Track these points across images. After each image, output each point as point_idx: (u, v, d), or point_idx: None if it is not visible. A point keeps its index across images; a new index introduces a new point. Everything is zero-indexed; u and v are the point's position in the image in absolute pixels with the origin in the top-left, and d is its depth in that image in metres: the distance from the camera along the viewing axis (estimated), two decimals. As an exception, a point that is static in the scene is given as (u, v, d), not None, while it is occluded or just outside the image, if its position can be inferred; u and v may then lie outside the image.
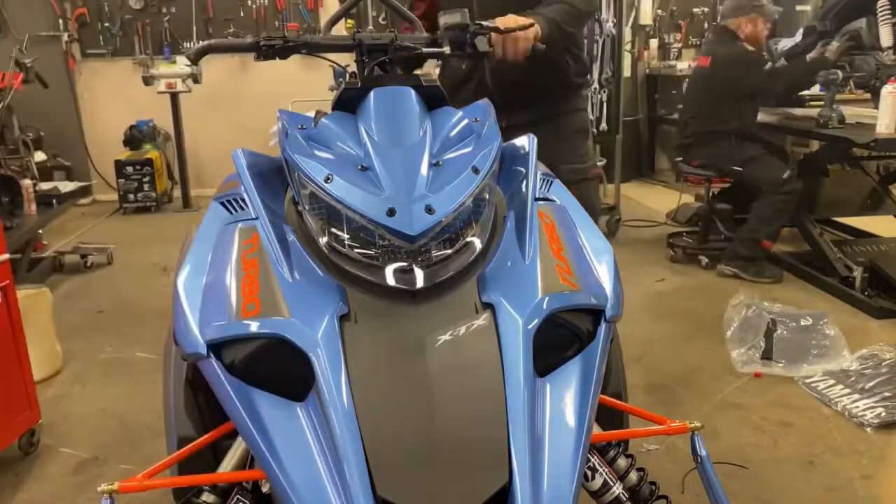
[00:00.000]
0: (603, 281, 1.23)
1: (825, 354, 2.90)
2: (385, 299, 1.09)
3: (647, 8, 6.41)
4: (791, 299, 3.56)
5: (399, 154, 1.18)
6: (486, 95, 1.53)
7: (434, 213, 1.09)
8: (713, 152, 4.12)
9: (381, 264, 1.11)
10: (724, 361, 2.95)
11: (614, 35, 5.05)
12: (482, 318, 1.07)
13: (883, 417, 2.45)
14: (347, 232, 1.13)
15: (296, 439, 0.97)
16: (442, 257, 1.13)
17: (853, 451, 2.31)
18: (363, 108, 1.30)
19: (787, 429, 2.46)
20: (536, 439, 0.99)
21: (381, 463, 0.94)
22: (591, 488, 1.25)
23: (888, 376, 2.69)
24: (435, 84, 1.39)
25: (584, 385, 1.08)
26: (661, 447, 2.27)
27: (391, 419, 0.98)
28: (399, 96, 1.30)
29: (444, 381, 1.00)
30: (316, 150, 1.22)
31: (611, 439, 1.32)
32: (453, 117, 1.32)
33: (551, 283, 1.14)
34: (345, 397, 0.97)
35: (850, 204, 4.33)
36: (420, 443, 0.96)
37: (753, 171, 4.00)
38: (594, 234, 1.34)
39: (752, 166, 4.00)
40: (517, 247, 1.20)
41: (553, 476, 0.98)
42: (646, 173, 6.85)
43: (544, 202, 1.34)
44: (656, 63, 6.60)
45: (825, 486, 2.14)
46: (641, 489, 1.32)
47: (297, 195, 1.22)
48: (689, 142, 4.25)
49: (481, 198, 1.20)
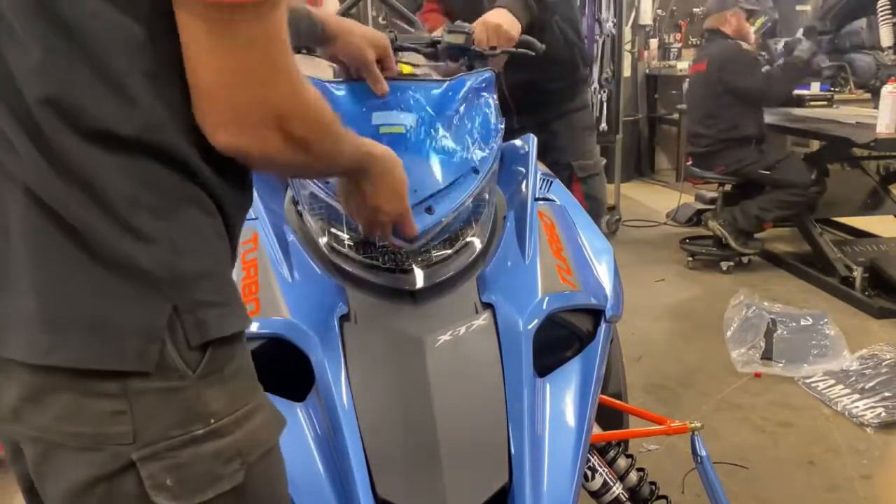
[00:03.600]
0: (603, 281, 1.23)
1: (825, 354, 2.90)
2: (385, 299, 1.09)
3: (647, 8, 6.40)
4: (791, 299, 3.55)
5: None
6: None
7: (434, 214, 1.09)
8: (735, 159, 4.06)
9: (381, 264, 1.11)
10: (724, 361, 2.94)
11: (614, 35, 5.04)
12: (482, 318, 1.07)
13: (883, 417, 2.45)
14: (347, 232, 1.13)
15: (296, 439, 0.98)
16: (442, 257, 1.13)
17: (853, 451, 2.31)
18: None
19: (787, 429, 2.46)
20: (536, 439, 0.99)
21: (381, 463, 0.94)
22: (591, 488, 1.25)
23: (888, 376, 2.69)
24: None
25: (583, 385, 1.08)
26: (661, 447, 2.27)
27: (391, 419, 0.98)
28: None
29: (444, 382, 1.00)
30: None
31: (611, 439, 1.32)
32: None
33: (551, 283, 1.14)
34: (345, 397, 0.98)
35: (850, 204, 4.33)
36: (420, 443, 0.96)
37: (781, 174, 3.98)
38: (594, 234, 1.35)
39: (780, 170, 3.98)
40: (517, 247, 1.20)
41: (553, 476, 0.98)
42: (646, 173, 6.85)
43: (544, 202, 1.34)
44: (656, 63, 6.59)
45: (825, 486, 2.14)
46: (641, 489, 1.32)
47: (297, 195, 1.22)
48: (705, 151, 4.18)
49: (481, 198, 1.20)
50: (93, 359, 0.64)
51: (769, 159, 4.01)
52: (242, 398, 0.72)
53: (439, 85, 1.27)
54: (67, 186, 0.63)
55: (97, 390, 0.65)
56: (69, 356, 0.64)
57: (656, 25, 6.64)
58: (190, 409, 0.67)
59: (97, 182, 0.63)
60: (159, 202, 0.66)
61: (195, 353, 0.68)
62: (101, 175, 0.63)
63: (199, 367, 0.68)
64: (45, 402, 0.65)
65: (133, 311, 0.65)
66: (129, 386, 0.65)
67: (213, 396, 0.69)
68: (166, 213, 0.66)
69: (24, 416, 0.67)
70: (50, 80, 0.62)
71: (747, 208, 4.04)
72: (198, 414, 0.68)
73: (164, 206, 0.66)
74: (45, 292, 0.64)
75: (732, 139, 4.06)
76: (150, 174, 0.65)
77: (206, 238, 0.70)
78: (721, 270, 4.11)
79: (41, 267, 0.64)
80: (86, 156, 0.63)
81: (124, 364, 0.64)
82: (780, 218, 4.07)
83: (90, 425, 0.65)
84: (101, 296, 0.64)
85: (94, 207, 0.63)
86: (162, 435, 0.66)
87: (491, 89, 1.37)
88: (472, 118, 1.29)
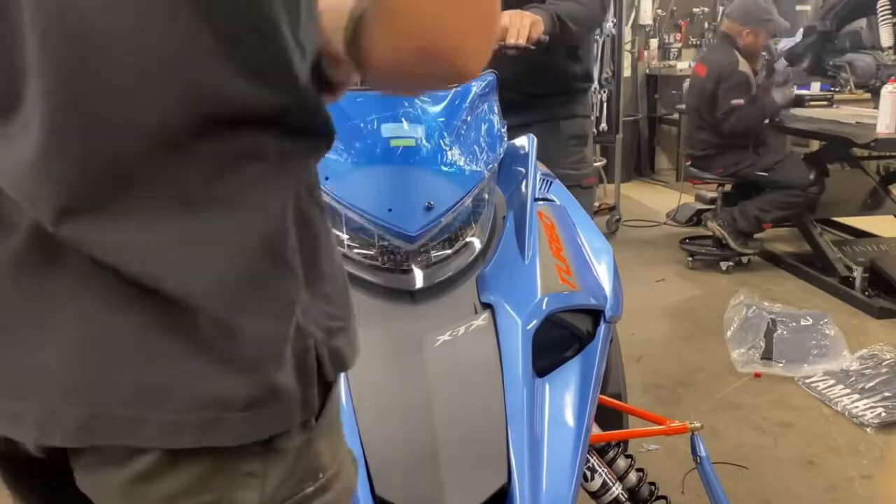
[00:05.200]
0: (602, 281, 1.23)
1: (825, 354, 2.90)
2: (384, 299, 1.09)
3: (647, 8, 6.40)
4: (791, 299, 3.55)
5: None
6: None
7: (433, 211, 1.09)
8: (733, 162, 4.07)
9: (381, 264, 1.11)
10: (724, 361, 2.94)
11: (614, 35, 5.04)
12: (481, 319, 1.07)
13: (883, 417, 2.45)
14: (347, 232, 1.13)
15: (295, 439, 0.97)
16: (441, 257, 1.13)
17: (853, 451, 2.31)
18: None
19: (787, 429, 2.46)
20: (535, 440, 0.99)
21: (380, 462, 0.94)
22: (590, 489, 1.25)
23: (888, 376, 2.69)
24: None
25: (583, 385, 1.07)
26: (661, 447, 2.27)
27: (390, 419, 0.98)
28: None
29: (443, 382, 1.00)
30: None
31: (610, 440, 1.32)
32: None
33: (550, 283, 1.14)
34: (343, 397, 0.97)
35: (850, 204, 4.32)
36: (419, 443, 0.96)
37: (780, 175, 3.98)
38: (594, 234, 1.35)
39: (779, 171, 3.98)
40: (516, 247, 1.20)
41: (552, 476, 0.97)
42: (646, 173, 6.85)
43: (544, 202, 1.34)
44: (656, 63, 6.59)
45: (825, 486, 2.14)
46: (641, 489, 1.31)
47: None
48: (704, 153, 4.19)
49: (481, 198, 1.20)
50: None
51: (767, 161, 4.02)
52: (341, 444, 0.64)
53: (446, 93, 1.28)
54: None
55: (241, 451, 0.55)
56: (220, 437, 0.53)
57: (656, 25, 6.63)
58: (309, 465, 0.59)
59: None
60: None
61: (321, 396, 0.59)
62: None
63: (322, 411, 0.59)
64: (171, 477, 0.54)
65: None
66: (273, 444, 0.56)
67: (324, 447, 0.60)
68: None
69: (135, 494, 0.55)
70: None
71: (746, 209, 4.04)
72: (311, 469, 0.59)
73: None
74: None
75: (729, 143, 4.07)
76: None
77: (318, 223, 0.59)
78: (721, 270, 4.11)
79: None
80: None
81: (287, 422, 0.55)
82: (779, 218, 4.07)
83: (214, 491, 0.55)
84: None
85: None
86: (280, 498, 0.57)
87: (493, 93, 1.37)
88: (479, 126, 1.29)
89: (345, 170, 1.15)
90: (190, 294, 0.51)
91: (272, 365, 0.54)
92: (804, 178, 3.92)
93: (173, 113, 0.49)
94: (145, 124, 0.49)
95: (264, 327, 0.54)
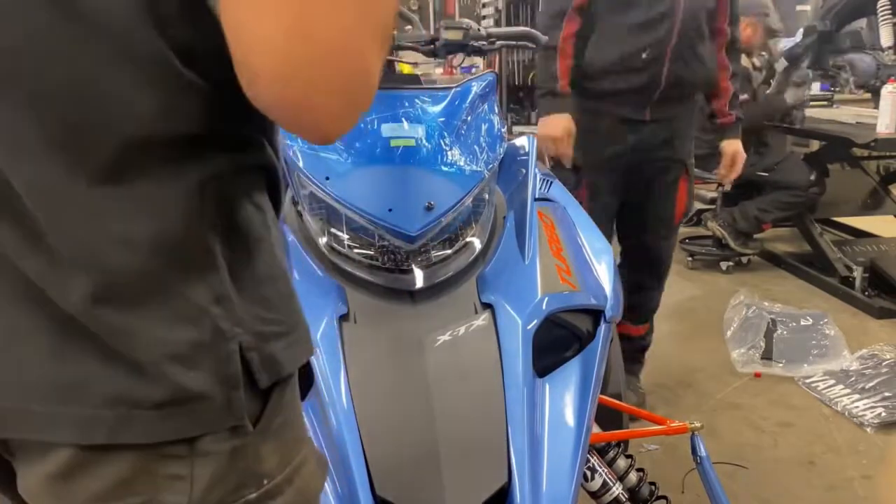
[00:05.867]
0: (602, 281, 1.23)
1: (825, 354, 2.90)
2: (384, 299, 1.09)
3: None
4: (791, 299, 3.55)
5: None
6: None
7: (433, 211, 1.09)
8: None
9: (381, 264, 1.11)
10: (724, 361, 2.94)
11: (614, 35, 5.04)
12: (481, 319, 1.07)
13: (883, 417, 2.44)
14: (347, 232, 1.13)
15: (295, 439, 0.97)
16: (441, 257, 1.13)
17: (853, 451, 2.31)
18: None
19: (787, 429, 2.46)
20: (535, 439, 0.99)
21: (381, 463, 0.94)
22: (590, 489, 1.25)
23: (888, 376, 2.69)
24: (433, 82, 1.38)
25: (583, 385, 1.07)
26: (661, 447, 2.27)
27: (390, 419, 0.98)
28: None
29: (444, 381, 1.00)
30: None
31: (610, 440, 1.32)
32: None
33: (551, 283, 1.14)
34: (344, 397, 0.97)
35: (850, 204, 4.32)
36: (419, 443, 0.96)
37: (780, 176, 3.98)
38: (594, 234, 1.35)
39: (779, 171, 3.98)
40: (517, 247, 1.20)
41: (552, 476, 0.98)
42: (646, 173, 6.84)
43: (544, 202, 1.34)
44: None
45: (825, 486, 2.14)
46: (641, 489, 1.32)
47: (297, 195, 1.22)
48: (703, 154, 4.19)
49: (481, 198, 1.20)
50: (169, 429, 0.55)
51: (768, 161, 4.01)
52: (295, 450, 0.63)
53: (446, 93, 1.28)
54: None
55: (162, 452, 0.55)
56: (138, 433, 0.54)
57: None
58: (247, 470, 0.58)
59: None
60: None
61: (257, 401, 0.58)
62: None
63: (262, 416, 0.59)
64: (91, 475, 0.54)
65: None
66: (197, 447, 0.55)
67: (268, 452, 0.60)
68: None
69: (58, 494, 0.55)
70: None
71: (747, 209, 4.04)
72: (252, 475, 0.59)
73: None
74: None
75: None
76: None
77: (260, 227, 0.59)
78: (721, 270, 4.10)
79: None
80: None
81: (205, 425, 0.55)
82: (779, 219, 4.07)
83: (140, 494, 0.55)
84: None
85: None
86: (213, 502, 0.57)
87: (493, 93, 1.37)
88: (479, 126, 1.29)
89: (345, 170, 1.15)
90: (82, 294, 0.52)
91: (177, 367, 0.53)
92: (805, 178, 3.92)
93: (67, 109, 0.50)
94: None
95: (161, 330, 0.53)
